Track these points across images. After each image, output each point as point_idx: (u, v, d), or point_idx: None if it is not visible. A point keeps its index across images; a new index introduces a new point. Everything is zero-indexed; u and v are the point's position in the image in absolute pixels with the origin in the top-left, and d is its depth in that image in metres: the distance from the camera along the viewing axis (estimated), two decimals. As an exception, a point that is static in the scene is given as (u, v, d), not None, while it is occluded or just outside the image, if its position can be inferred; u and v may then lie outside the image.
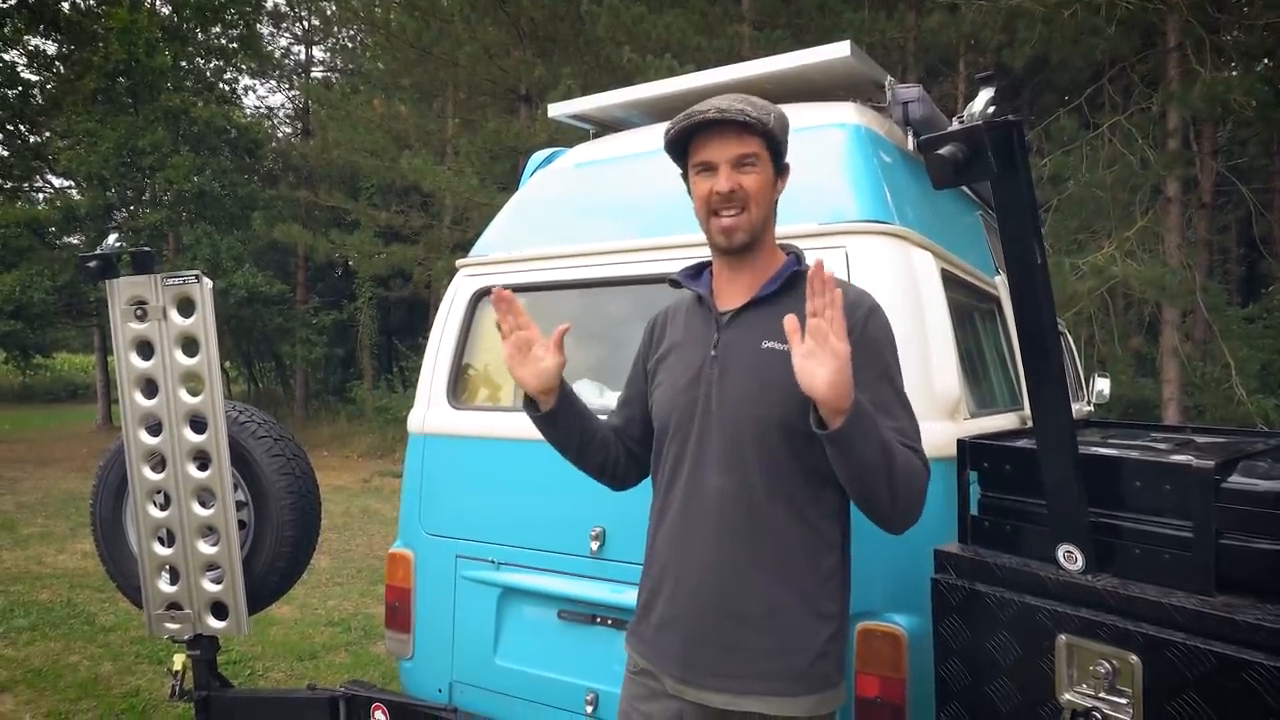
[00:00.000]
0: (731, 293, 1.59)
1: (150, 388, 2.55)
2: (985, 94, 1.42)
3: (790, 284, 1.56)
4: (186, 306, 2.49)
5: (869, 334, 1.50)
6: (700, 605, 1.50)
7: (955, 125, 1.32)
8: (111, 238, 2.91)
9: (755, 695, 1.46)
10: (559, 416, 1.63)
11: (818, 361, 1.27)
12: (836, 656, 1.50)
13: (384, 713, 2.46)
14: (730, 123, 1.49)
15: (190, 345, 2.52)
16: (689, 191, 1.61)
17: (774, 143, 1.53)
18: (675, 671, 1.52)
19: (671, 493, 1.58)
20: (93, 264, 2.54)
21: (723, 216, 1.52)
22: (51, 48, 17.38)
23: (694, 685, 1.49)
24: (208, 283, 2.47)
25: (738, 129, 1.50)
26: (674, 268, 1.73)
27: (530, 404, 1.63)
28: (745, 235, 1.53)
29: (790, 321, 1.31)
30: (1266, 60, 9.77)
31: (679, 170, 1.63)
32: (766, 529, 1.48)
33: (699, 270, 1.70)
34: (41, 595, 5.56)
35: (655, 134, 2.60)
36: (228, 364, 20.47)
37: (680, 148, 1.56)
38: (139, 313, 2.50)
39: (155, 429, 2.55)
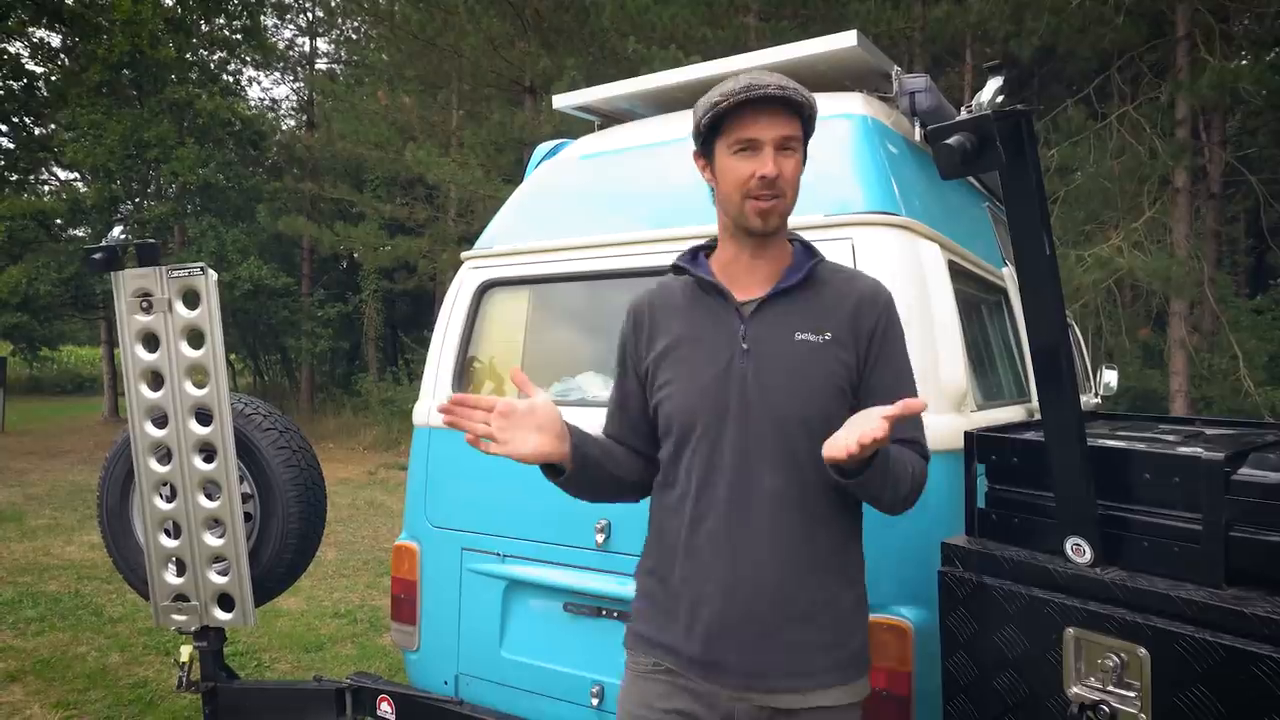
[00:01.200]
0: (749, 282, 1.51)
1: (156, 380, 2.55)
2: (994, 83, 1.42)
3: (810, 275, 1.50)
4: (192, 299, 2.49)
5: (894, 329, 1.50)
6: (760, 609, 1.43)
7: (963, 115, 1.31)
8: (117, 230, 2.91)
9: (822, 689, 1.43)
10: (585, 453, 1.50)
11: (848, 436, 1.23)
12: (867, 637, 1.54)
13: (390, 704, 2.47)
14: (787, 101, 1.41)
15: (196, 337, 2.52)
16: (706, 168, 1.51)
17: (810, 128, 1.48)
18: (735, 680, 1.43)
19: (707, 497, 1.46)
20: (98, 256, 2.54)
21: (761, 199, 1.43)
22: (56, 40, 17.44)
23: (760, 690, 1.43)
24: (213, 275, 2.47)
25: (789, 108, 1.42)
26: None
27: (551, 468, 1.49)
28: (779, 220, 1.47)
29: (910, 405, 1.22)
30: (1277, 49, 9.69)
31: (689, 150, 1.55)
32: (818, 523, 1.45)
33: (693, 255, 1.59)
34: (49, 586, 5.59)
35: (661, 125, 2.59)
36: (233, 356, 20.52)
37: (713, 123, 1.44)
38: (144, 305, 2.50)
39: (161, 421, 2.56)
